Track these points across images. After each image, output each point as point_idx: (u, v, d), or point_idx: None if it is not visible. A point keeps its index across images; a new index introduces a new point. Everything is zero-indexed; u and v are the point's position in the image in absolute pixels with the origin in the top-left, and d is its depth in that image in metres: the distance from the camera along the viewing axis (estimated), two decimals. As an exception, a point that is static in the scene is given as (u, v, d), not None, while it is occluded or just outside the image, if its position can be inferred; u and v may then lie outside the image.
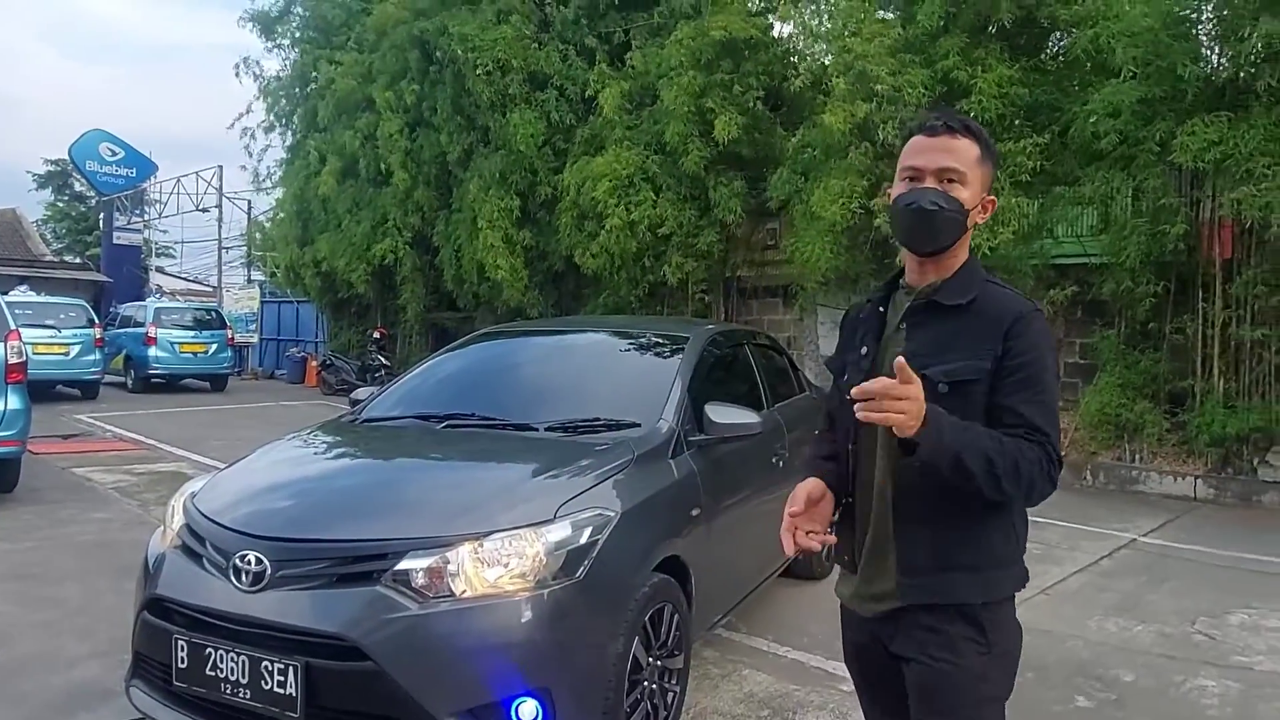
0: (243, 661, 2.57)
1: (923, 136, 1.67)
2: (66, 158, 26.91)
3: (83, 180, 27.68)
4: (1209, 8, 7.65)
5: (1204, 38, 7.71)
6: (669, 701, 3.08)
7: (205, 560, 2.78)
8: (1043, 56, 8.91)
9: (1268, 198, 6.75)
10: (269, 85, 17.01)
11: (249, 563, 2.63)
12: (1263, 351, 7.72)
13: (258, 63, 17.17)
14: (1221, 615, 4.70)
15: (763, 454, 4.04)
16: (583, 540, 2.70)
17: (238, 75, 16.96)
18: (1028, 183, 8.23)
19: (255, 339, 20.92)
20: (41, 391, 14.30)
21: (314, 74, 16.00)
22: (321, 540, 2.65)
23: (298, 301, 20.28)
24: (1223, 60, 7.36)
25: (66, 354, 14.07)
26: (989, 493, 1.52)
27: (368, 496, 2.92)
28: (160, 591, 2.82)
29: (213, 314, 17.56)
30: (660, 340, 4.04)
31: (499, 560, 2.60)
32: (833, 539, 1.74)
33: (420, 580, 2.55)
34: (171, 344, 16.03)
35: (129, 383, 16.48)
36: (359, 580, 2.56)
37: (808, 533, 1.68)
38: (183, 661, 2.67)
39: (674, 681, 3.12)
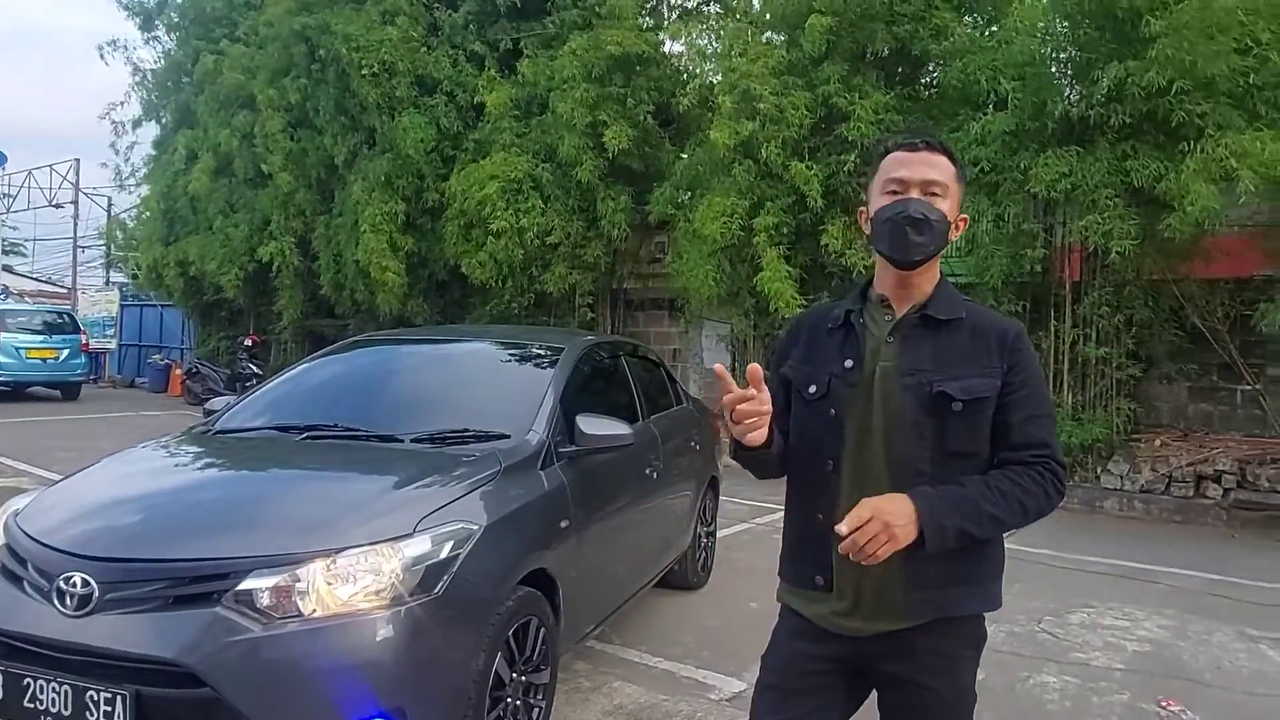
0: (65, 692, 2.39)
1: (903, 152, 1.71)
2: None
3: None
4: (1067, 49, 8.21)
5: (1061, 76, 8.27)
6: (534, 718, 3.03)
7: (26, 583, 2.58)
8: (917, 86, 9.35)
9: (1109, 226, 7.28)
10: (144, 77, 16.11)
11: (74, 585, 2.45)
12: (1105, 368, 8.31)
13: (132, 49, 16.28)
14: (1064, 614, 5.00)
15: (636, 465, 4.05)
16: (443, 555, 2.63)
17: (102, 57, 16.10)
18: (899, 205, 8.60)
19: (113, 344, 19.59)
20: None
21: (190, 66, 15.19)
22: (156, 560, 2.49)
23: (162, 305, 19.12)
24: (1076, 98, 7.90)
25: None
26: (999, 533, 1.64)
27: (210, 513, 2.75)
28: (-28, 618, 2.58)
29: (64, 317, 16.33)
30: (535, 351, 4.00)
31: (353, 577, 2.51)
32: (762, 427, 1.62)
33: (266, 600, 2.43)
34: (16, 349, 14.82)
35: (-31, 389, 15.15)
36: (197, 602, 2.42)
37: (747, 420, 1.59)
38: (-2, 694, 2.45)
39: (539, 697, 3.07)
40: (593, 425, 3.40)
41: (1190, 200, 6.67)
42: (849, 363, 1.73)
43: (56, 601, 2.46)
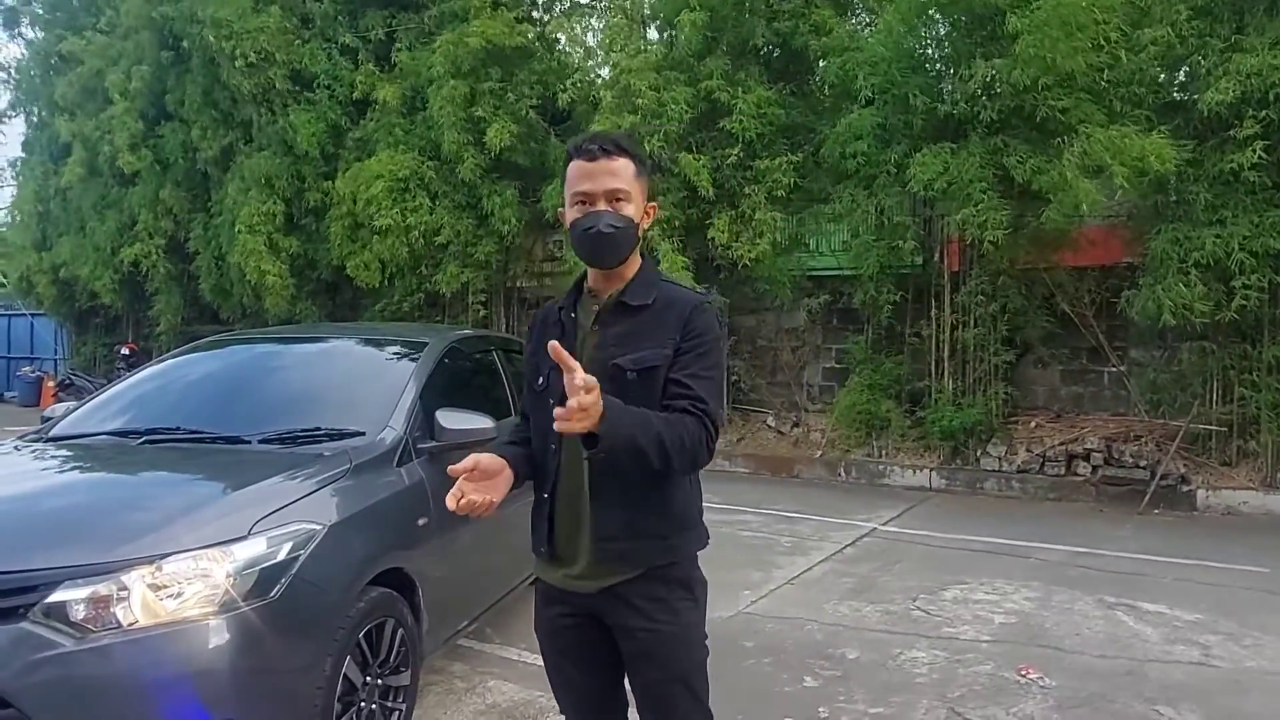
0: None
1: (583, 161, 1.83)
2: None
3: None
4: (937, 45, 8.50)
5: (932, 72, 8.56)
6: (392, 721, 2.94)
7: None
8: (800, 82, 9.54)
9: (983, 217, 7.58)
10: (8, 73, 15.19)
11: None
12: (983, 354, 8.66)
13: None
14: (938, 592, 5.17)
15: (508, 460, 3.97)
16: (280, 557, 2.52)
17: None
18: (784, 198, 8.77)
19: (-22, 357, 18.27)
20: None
21: (55, 58, 14.33)
22: (-47, 574, 2.30)
23: (32, 314, 17.96)
24: (948, 94, 8.20)
25: None
26: (660, 465, 1.70)
27: (21, 523, 2.56)
28: None
29: (-82, 328, 15.17)
30: (397, 347, 3.88)
31: (180, 584, 2.37)
32: (492, 505, 1.77)
33: (80, 613, 2.28)
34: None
35: None
36: (2, 617, 2.24)
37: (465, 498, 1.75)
38: None
39: (399, 700, 2.98)
40: (452, 419, 3.32)
41: (1072, 193, 6.99)
42: None
43: None
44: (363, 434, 3.16)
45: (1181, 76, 7.88)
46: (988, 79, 7.65)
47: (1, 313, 19.18)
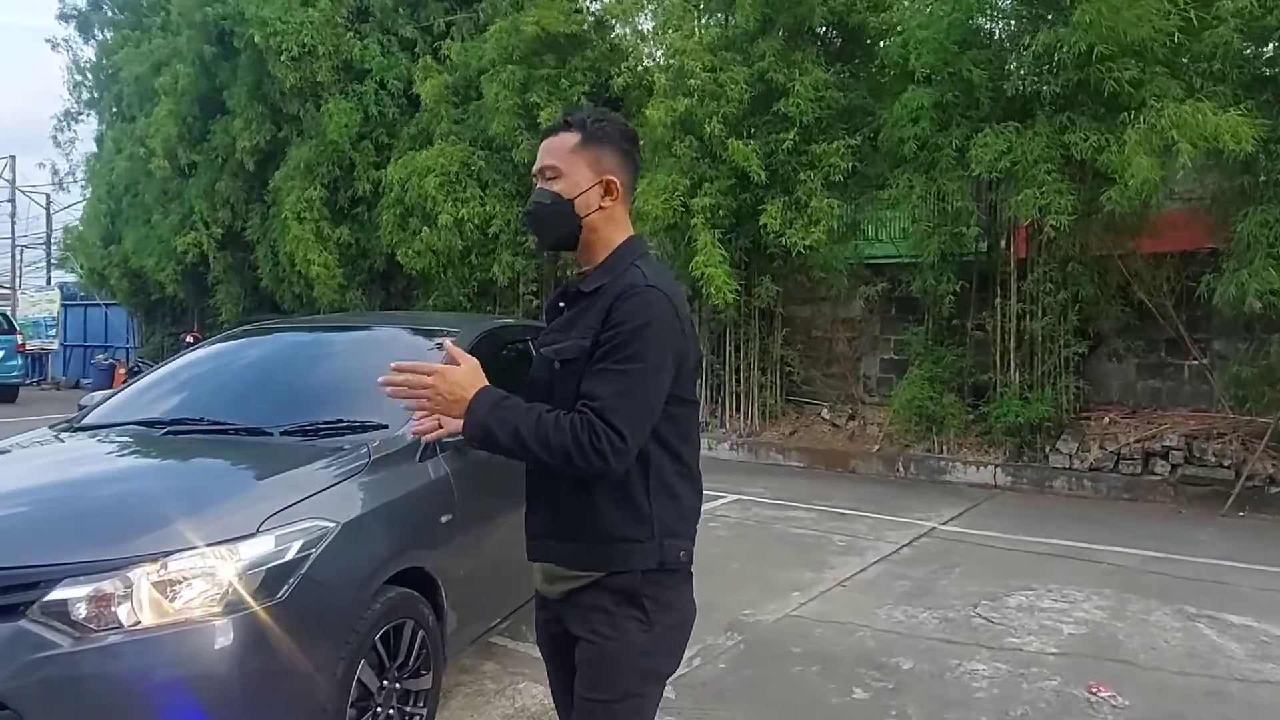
0: None
1: (541, 140, 1.79)
2: None
3: None
4: (997, 18, 8.08)
5: (994, 48, 8.13)
6: (413, 726, 2.81)
7: None
8: (857, 62, 9.19)
9: (1046, 200, 7.16)
10: (84, 74, 15.72)
11: None
12: (1052, 345, 8.22)
13: (75, 48, 15.95)
14: (1001, 598, 4.86)
15: (541, 454, 3.82)
16: (290, 555, 2.40)
17: (54, 48, 15.92)
18: (841, 184, 8.45)
19: (55, 345, 19.00)
20: None
21: (125, 58, 14.76)
22: (-45, 569, 2.23)
23: (106, 304, 18.58)
24: (1010, 69, 7.78)
25: None
26: (524, 459, 1.63)
27: (26, 516, 2.49)
28: None
29: (-1, 318, 15.80)
30: (427, 337, 3.75)
31: (184, 582, 2.27)
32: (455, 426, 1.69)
33: (82, 611, 2.19)
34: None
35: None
36: (0, 615, 2.16)
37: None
38: None
39: (419, 704, 2.85)
40: (479, 411, 3.16)
41: (1131, 173, 6.56)
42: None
43: None
44: (385, 426, 3.03)
45: (1270, 50, 7.33)
46: (1048, 49, 7.21)
47: (79, 303, 19.91)
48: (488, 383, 1.64)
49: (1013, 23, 7.86)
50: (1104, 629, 4.41)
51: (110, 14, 15.60)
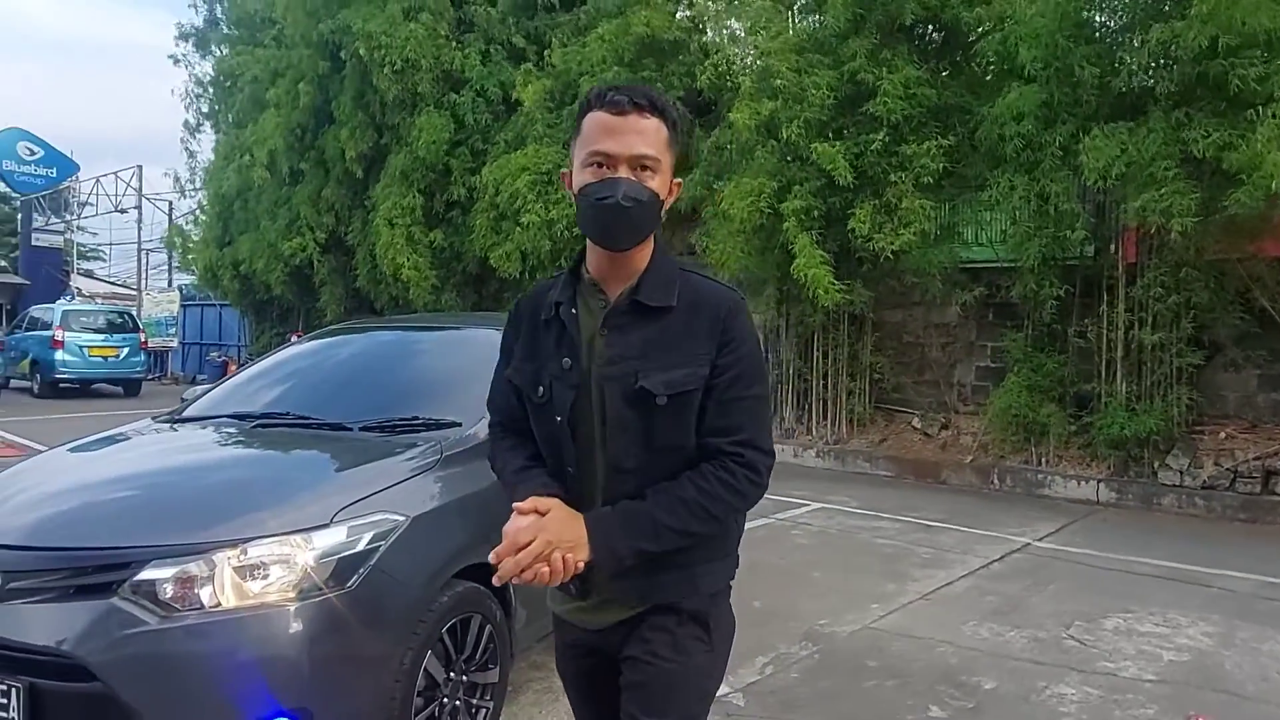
0: (-32, 682, 2.30)
1: (609, 115, 1.48)
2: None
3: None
4: (1107, 12, 7.69)
5: (1106, 42, 7.74)
6: (479, 719, 2.86)
7: (-59, 571, 2.50)
8: (953, 59, 8.90)
9: (1167, 202, 6.76)
10: (200, 85, 16.80)
11: (-19, 573, 2.36)
12: (1163, 354, 7.76)
13: (194, 64, 17.04)
14: (1097, 619, 4.61)
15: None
16: (360, 547, 2.48)
17: (176, 63, 17.02)
18: (934, 185, 8.19)
19: (175, 343, 20.22)
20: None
21: (236, 71, 15.66)
22: (58, 549, 2.40)
23: (220, 305, 19.69)
24: (1122, 65, 7.38)
25: (-36, 358, 13.42)
26: (692, 542, 1.51)
27: (124, 501, 2.65)
28: (-107, 606, 2.53)
29: (125, 317, 16.92)
30: (498, 335, 3.81)
31: (261, 569, 2.37)
32: (582, 565, 1.48)
33: (168, 591, 2.31)
34: (80, 348, 15.40)
35: (34, 387, 15.80)
36: (95, 592, 2.31)
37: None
38: (-94, 683, 2.39)
39: (486, 697, 2.90)
40: (550, 411, 3.20)
41: (1264, 172, 6.12)
42: (566, 361, 1.56)
43: (-35, 590, 2.38)
44: (459, 424, 3.10)
45: None
46: (1164, 42, 6.80)
47: (197, 304, 21.16)
48: (576, 512, 1.48)
49: (1125, 16, 7.45)
50: (1209, 657, 4.12)
51: (225, 30, 16.56)
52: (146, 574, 2.30)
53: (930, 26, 8.69)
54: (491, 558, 1.43)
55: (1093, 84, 7.19)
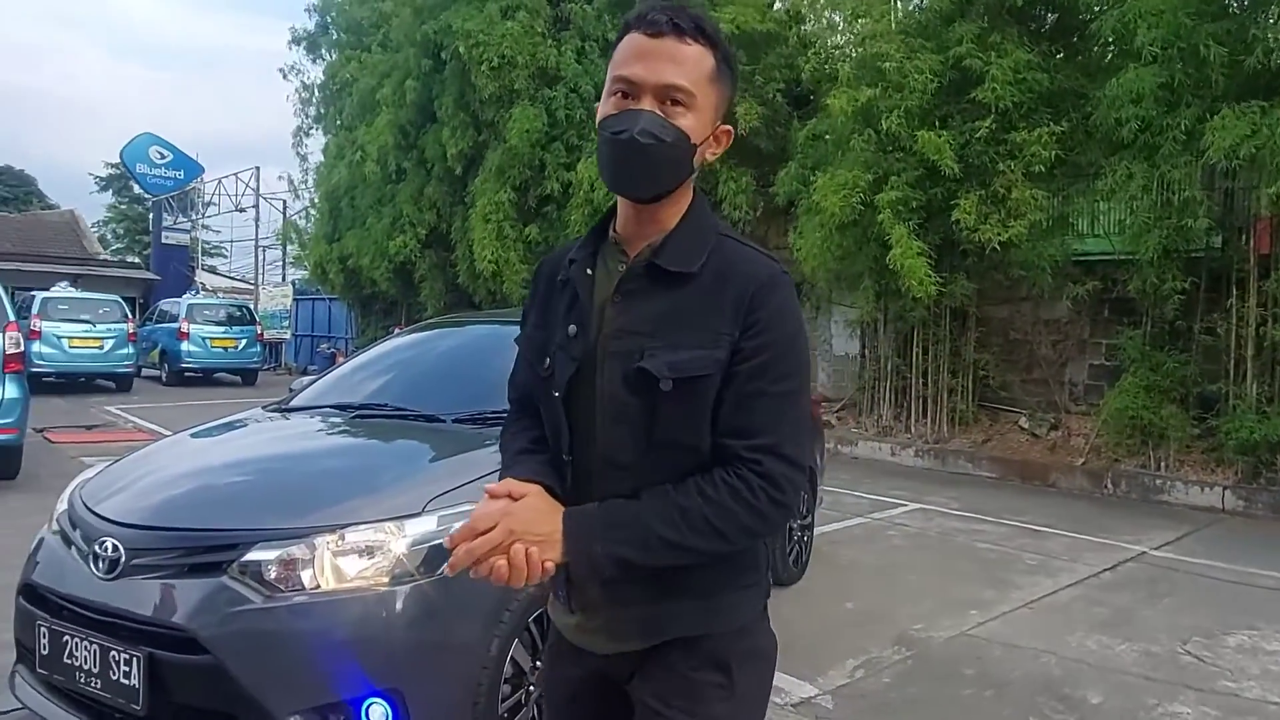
0: (94, 650, 2.48)
1: (642, 36, 1.23)
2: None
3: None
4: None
5: (1237, 18, 7.21)
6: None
7: (74, 547, 2.70)
8: (1067, 41, 8.47)
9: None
10: (309, 90, 17.60)
11: (106, 550, 2.54)
12: (1298, 354, 7.21)
13: (304, 71, 17.87)
14: (1219, 636, 4.32)
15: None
16: (450, 534, 2.53)
17: (285, 76, 17.80)
18: (1045, 174, 7.82)
19: (288, 335, 21.27)
20: (79, 383, 14.80)
21: (346, 75, 16.33)
22: (173, 529, 2.55)
23: (329, 299, 20.61)
24: (1256, 42, 6.86)
25: (101, 347, 14.46)
26: (678, 562, 1.23)
27: (234, 486, 2.80)
28: (33, 577, 2.75)
29: (243, 310, 17.91)
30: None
31: (356, 554, 2.46)
32: (551, 566, 1.23)
33: (272, 572, 2.42)
34: (203, 339, 16.39)
35: (163, 376, 16.90)
36: (206, 571, 2.44)
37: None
38: (44, 648, 2.60)
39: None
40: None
41: None
42: (572, 329, 1.32)
43: (92, 565, 2.56)
44: (549, 416, 3.13)
45: None
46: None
47: (308, 298, 22.20)
48: (557, 504, 1.26)
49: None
50: (1348, 682, 3.81)
51: (335, 35, 17.28)
52: (253, 555, 2.41)
53: (1042, 8, 8.28)
54: (446, 542, 1.21)
55: (1221, 63, 6.71)
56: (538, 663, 2.79)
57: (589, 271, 1.34)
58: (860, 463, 9.47)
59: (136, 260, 31.26)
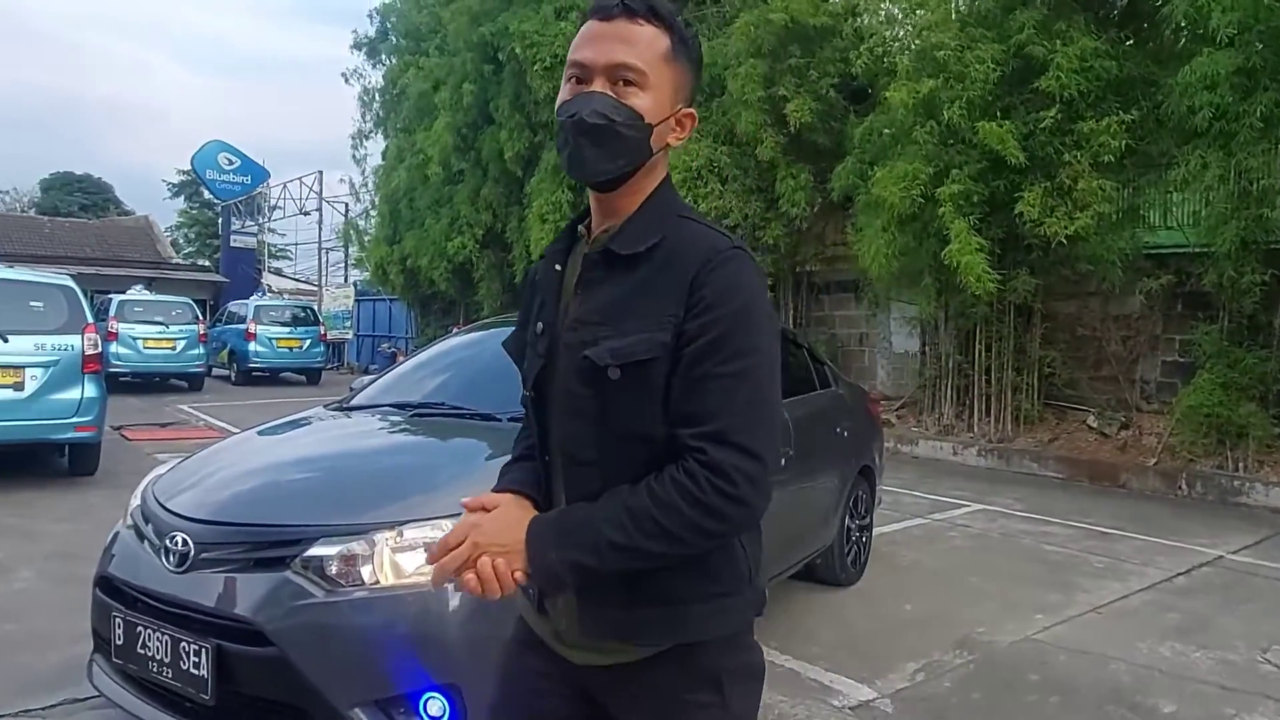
0: (166, 640, 2.56)
1: (595, 21, 1.23)
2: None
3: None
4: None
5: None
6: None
7: (147, 541, 2.80)
8: (1138, 26, 8.18)
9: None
10: (369, 94, 18.00)
11: (176, 544, 2.62)
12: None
13: (365, 76, 18.30)
14: (1303, 644, 4.13)
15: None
16: (506, 532, 2.56)
17: (347, 81, 18.24)
18: (1114, 164, 7.56)
19: (350, 335, 21.75)
20: (154, 383, 15.37)
21: (404, 80, 16.64)
22: (240, 524, 2.62)
23: (389, 299, 21.02)
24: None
25: (174, 348, 14.98)
26: (637, 566, 1.17)
27: (297, 482, 2.87)
28: (109, 570, 2.85)
29: (307, 311, 18.36)
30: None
31: (414, 550, 2.50)
32: (521, 576, 1.19)
33: (334, 568, 2.47)
34: (269, 339, 16.86)
35: (232, 375, 17.45)
36: (271, 565, 2.51)
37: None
38: (119, 638, 2.69)
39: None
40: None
41: None
42: (540, 326, 1.31)
43: (163, 558, 2.65)
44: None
45: None
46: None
47: (370, 299, 22.69)
48: (533, 511, 1.24)
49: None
50: None
51: (394, 41, 17.64)
52: (315, 550, 2.47)
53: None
54: (425, 556, 1.23)
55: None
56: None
57: (558, 267, 1.32)
58: (920, 462, 9.29)
59: (207, 263, 32.35)
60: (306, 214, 22.85)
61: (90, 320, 7.31)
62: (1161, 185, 7.77)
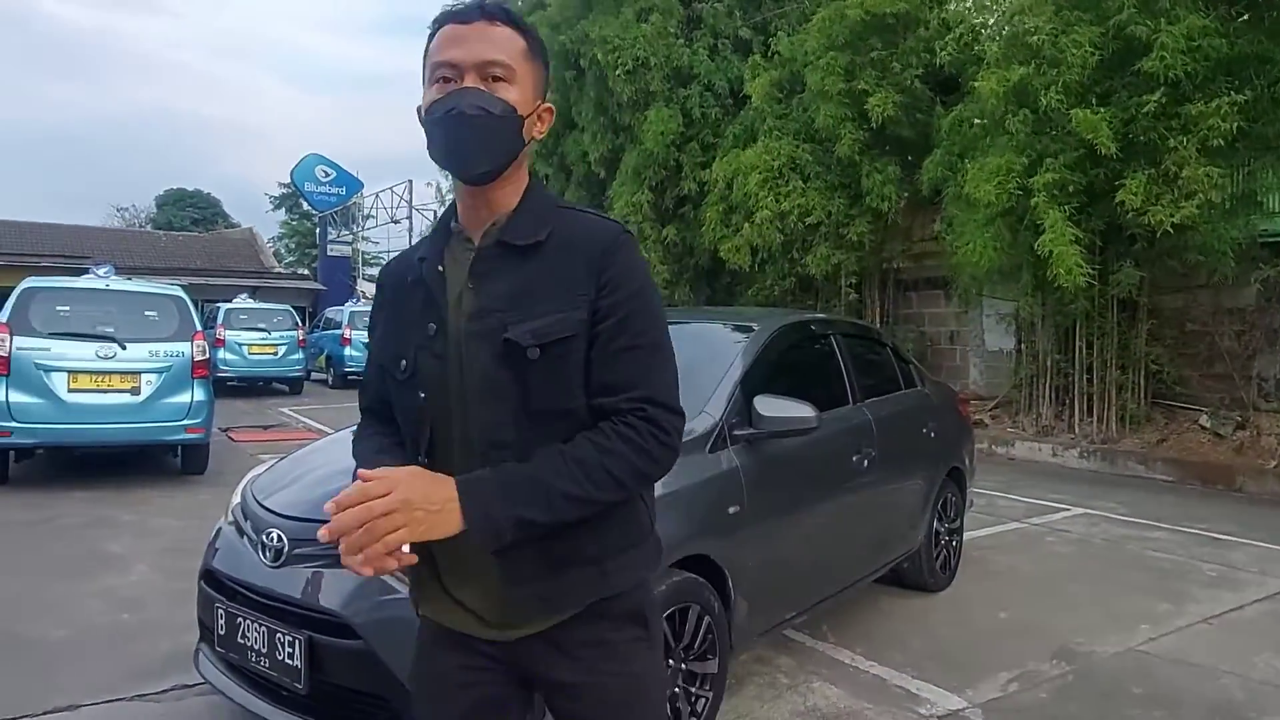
0: (263, 631, 2.68)
1: (454, 25, 1.30)
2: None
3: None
4: None
5: None
6: (699, 708, 2.89)
7: (246, 537, 2.94)
8: (1252, 2, 7.69)
9: None
10: None
11: (272, 539, 2.75)
12: None
13: None
14: None
15: (839, 451, 3.72)
16: (583, 531, 2.58)
17: None
18: (1225, 148, 7.13)
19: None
20: (257, 387, 16.13)
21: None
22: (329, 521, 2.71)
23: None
24: None
25: (276, 354, 15.69)
26: (583, 514, 1.25)
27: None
28: (212, 564, 3.00)
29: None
30: (726, 331, 3.82)
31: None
32: (412, 558, 1.20)
33: (416, 564, 2.54)
34: (363, 344, 17.45)
35: (329, 379, 18.14)
36: (350, 562, 2.59)
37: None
38: (221, 629, 2.83)
39: (705, 686, 2.92)
40: (770, 407, 3.16)
41: None
42: (432, 327, 1.34)
43: (261, 553, 2.77)
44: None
45: None
46: None
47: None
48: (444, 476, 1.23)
49: None
50: None
51: None
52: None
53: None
54: (329, 505, 1.14)
55: None
56: (670, 660, 2.80)
57: (440, 268, 1.36)
58: (1017, 464, 8.96)
59: (306, 272, 33.74)
60: (397, 222, 23.65)
61: (199, 328, 7.72)
62: (1279, 169, 7.28)
